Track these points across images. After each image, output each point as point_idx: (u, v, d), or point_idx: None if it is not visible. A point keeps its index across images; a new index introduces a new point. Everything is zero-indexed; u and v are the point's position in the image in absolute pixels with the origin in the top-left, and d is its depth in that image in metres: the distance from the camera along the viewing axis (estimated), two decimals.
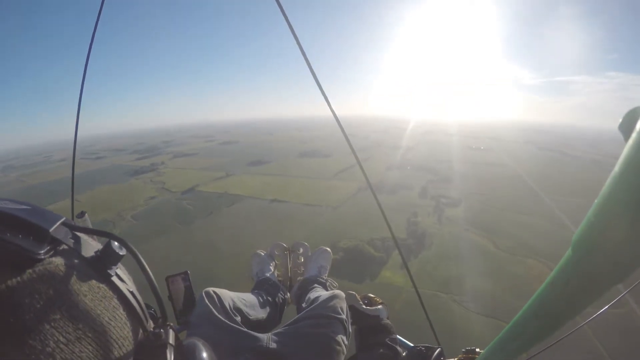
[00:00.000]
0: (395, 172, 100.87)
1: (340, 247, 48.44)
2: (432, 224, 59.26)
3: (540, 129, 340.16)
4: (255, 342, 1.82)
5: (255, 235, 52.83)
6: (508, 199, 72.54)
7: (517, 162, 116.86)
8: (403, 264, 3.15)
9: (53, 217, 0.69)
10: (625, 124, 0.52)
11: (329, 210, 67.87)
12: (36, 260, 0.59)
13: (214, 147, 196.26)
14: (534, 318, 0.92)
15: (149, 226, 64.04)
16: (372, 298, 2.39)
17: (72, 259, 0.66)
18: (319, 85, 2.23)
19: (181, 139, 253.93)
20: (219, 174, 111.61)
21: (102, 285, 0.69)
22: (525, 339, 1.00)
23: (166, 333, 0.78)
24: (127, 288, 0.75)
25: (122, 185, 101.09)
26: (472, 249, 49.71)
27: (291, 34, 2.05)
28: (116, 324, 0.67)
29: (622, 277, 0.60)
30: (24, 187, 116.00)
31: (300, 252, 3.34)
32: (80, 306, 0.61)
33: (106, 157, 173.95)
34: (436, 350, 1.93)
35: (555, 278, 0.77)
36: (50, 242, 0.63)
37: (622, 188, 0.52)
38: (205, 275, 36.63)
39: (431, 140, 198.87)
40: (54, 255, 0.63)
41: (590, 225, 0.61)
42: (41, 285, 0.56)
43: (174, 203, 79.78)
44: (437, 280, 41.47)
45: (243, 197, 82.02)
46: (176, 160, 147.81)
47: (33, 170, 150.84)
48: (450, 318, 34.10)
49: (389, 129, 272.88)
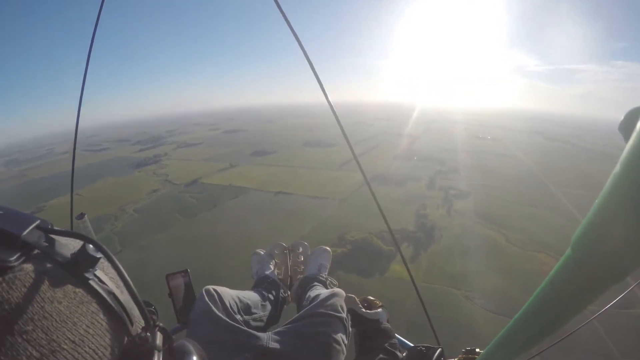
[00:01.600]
0: (402, 162, 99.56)
1: (347, 239, 47.52)
2: (441, 217, 58.14)
3: (547, 117, 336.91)
4: (255, 341, 1.82)
5: (260, 229, 51.98)
6: (518, 191, 71.34)
7: (526, 153, 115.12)
8: (403, 263, 3.20)
9: (26, 221, 0.64)
10: (625, 124, 0.52)
11: (336, 202, 66.49)
12: (6, 269, 0.55)
13: (217, 136, 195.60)
14: (534, 318, 0.93)
15: (152, 220, 63.14)
16: (372, 301, 2.31)
17: (45, 264, 0.61)
18: (317, 77, 2.21)
19: (185, 128, 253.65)
20: (222, 164, 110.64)
21: (79, 289, 0.64)
22: (525, 339, 1.02)
23: (153, 336, 0.72)
24: (109, 290, 0.70)
25: (124, 178, 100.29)
26: (483, 242, 48.63)
27: (289, 29, 2.10)
28: (95, 332, 0.62)
29: (622, 277, 0.60)
30: (26, 181, 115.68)
31: (300, 252, 3.32)
32: (55, 315, 0.56)
33: (109, 149, 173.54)
34: (437, 351, 1.91)
35: (555, 277, 0.79)
36: (22, 248, 0.59)
37: (622, 188, 0.52)
38: (208, 272, 35.68)
39: (437, 128, 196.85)
40: (25, 262, 0.59)
41: (590, 224, 0.62)
42: (11, 295, 0.53)
43: (177, 196, 78.75)
44: (449, 276, 40.62)
45: (248, 189, 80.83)
46: (179, 151, 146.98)
47: (36, 163, 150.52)
48: (462, 316, 33.29)
49: (394, 116, 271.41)
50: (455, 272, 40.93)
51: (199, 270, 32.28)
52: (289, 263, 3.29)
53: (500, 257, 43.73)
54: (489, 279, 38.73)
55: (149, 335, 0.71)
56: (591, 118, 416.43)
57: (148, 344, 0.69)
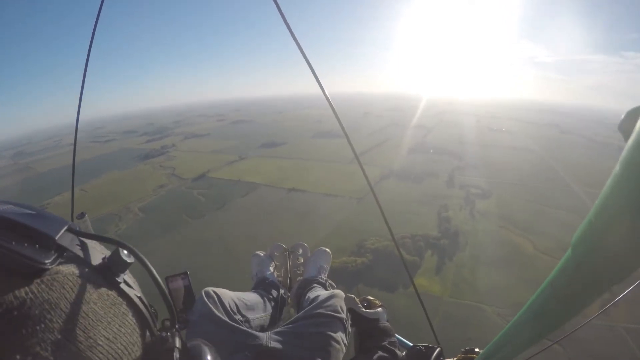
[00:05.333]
0: (417, 157, 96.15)
1: (367, 247, 44.81)
2: (464, 220, 55.36)
3: (559, 109, 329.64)
4: (255, 341, 1.83)
5: (271, 233, 49.31)
6: (540, 191, 68.60)
7: (543, 147, 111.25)
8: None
9: (58, 223, 0.68)
10: (625, 124, 0.52)
11: (353, 202, 63.13)
12: (43, 270, 0.58)
13: (225, 127, 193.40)
14: (534, 318, 0.94)
15: (157, 220, 60.69)
16: (372, 301, 2.30)
17: (80, 267, 0.66)
18: (314, 75, 2.13)
19: (192, 119, 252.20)
20: (231, 157, 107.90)
21: (112, 292, 0.70)
22: (525, 339, 1.03)
23: (173, 336, 0.82)
24: (135, 293, 0.76)
25: (130, 172, 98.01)
26: (510, 250, 45.99)
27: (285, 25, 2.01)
28: (126, 330, 0.69)
29: (622, 277, 0.60)
30: (33, 175, 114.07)
31: (300, 253, 3.29)
32: (91, 315, 0.61)
33: (115, 140, 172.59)
34: (436, 350, 1.92)
35: (555, 278, 0.79)
36: (56, 250, 0.63)
37: (623, 188, 0.52)
38: (217, 280, 32.56)
39: (449, 120, 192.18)
40: (61, 264, 0.63)
41: (590, 225, 0.62)
42: (51, 295, 0.56)
43: (184, 193, 76.12)
44: (478, 289, 38.07)
45: (258, 185, 77.86)
46: (187, 142, 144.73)
47: (43, 156, 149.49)
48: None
49: (403, 107, 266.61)
50: (484, 286, 38.23)
51: (207, 279, 30.02)
52: (288, 265, 3.26)
53: (530, 268, 40.87)
54: (521, 293, 35.58)
55: (170, 335, 0.81)
56: (604, 110, 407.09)
57: (169, 343, 0.79)
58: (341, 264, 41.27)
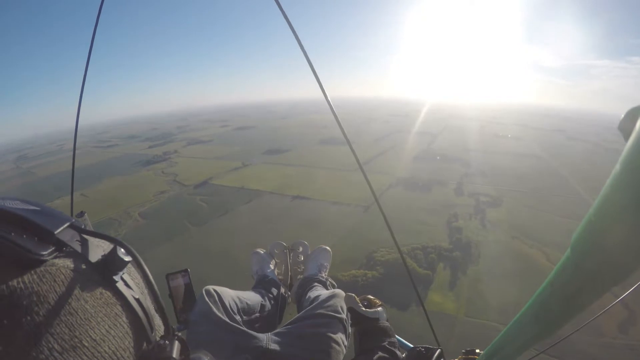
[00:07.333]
0: (424, 164, 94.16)
1: (377, 260, 42.83)
2: (475, 230, 53.53)
3: (564, 114, 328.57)
4: (255, 342, 1.82)
5: (276, 241, 46.92)
6: (551, 200, 67.21)
7: (551, 154, 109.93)
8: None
9: (61, 219, 0.68)
10: (625, 124, 0.52)
11: (360, 210, 61.27)
12: (39, 262, 0.58)
13: (229, 133, 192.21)
14: (534, 319, 0.93)
15: (157, 226, 59.15)
16: (372, 300, 2.31)
17: (75, 262, 0.64)
18: (318, 80, 2.14)
19: (196, 124, 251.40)
20: (234, 164, 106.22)
21: (106, 291, 0.66)
22: (525, 340, 1.03)
23: (171, 345, 0.74)
24: (133, 295, 0.72)
25: (132, 177, 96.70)
26: (524, 263, 44.06)
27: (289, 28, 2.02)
28: (117, 333, 0.64)
29: (622, 277, 0.60)
30: (34, 180, 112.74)
31: (300, 251, 3.24)
32: (80, 312, 0.59)
33: (118, 145, 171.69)
34: (436, 352, 1.90)
35: (555, 278, 0.79)
36: (55, 244, 0.62)
37: (622, 188, 0.52)
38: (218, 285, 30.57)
39: (455, 126, 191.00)
40: (57, 257, 0.62)
41: (590, 225, 0.62)
42: (41, 287, 0.55)
43: (185, 199, 74.53)
44: (494, 307, 35.93)
45: (262, 192, 76.07)
46: (190, 148, 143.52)
47: (45, 160, 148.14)
48: None
49: (408, 112, 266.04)
50: (500, 303, 35.98)
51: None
52: (289, 262, 3.20)
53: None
54: None
55: (167, 343, 0.73)
56: (609, 115, 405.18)
57: (165, 353, 0.71)
58: (351, 277, 39.59)
